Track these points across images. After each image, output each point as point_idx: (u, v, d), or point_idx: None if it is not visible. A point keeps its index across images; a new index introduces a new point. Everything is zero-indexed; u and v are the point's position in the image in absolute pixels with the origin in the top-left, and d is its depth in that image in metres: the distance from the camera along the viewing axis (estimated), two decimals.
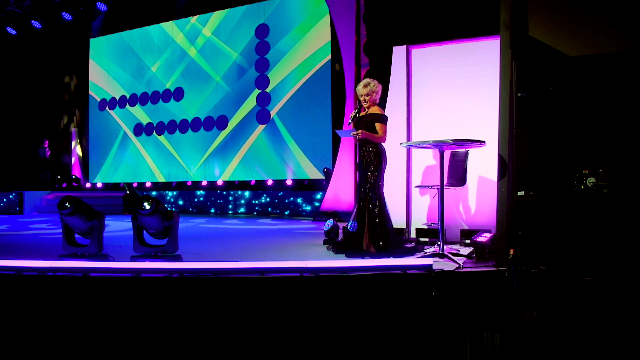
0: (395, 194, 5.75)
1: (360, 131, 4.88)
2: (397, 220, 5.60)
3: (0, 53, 15.78)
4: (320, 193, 10.10)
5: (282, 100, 12.55)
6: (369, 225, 4.90)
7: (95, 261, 4.11)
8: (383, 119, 4.96)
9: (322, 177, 11.68)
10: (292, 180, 12.27)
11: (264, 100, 12.80)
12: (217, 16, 13.77)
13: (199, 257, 4.83)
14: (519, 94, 4.18)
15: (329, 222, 5.73)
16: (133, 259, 4.34)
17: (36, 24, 15.08)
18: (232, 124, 13.28)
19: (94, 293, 4.00)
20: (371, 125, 4.96)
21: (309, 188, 11.87)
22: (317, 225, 8.22)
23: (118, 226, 8.09)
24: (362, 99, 5.11)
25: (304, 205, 10.32)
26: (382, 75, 6.50)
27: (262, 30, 12.96)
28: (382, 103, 5.48)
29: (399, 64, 6.06)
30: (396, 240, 4.94)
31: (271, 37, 12.82)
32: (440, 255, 4.44)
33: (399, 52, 6.10)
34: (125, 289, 3.96)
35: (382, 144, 4.98)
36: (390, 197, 5.22)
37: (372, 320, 3.85)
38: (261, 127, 12.82)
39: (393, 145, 5.28)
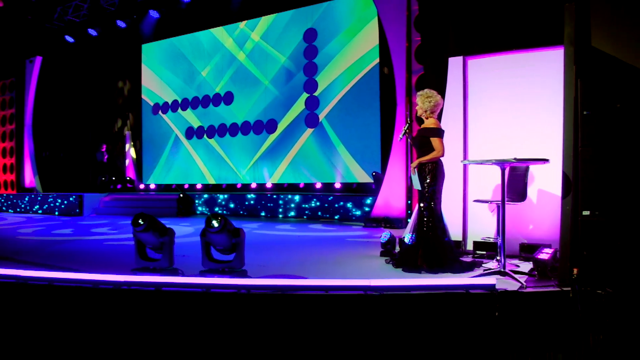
0: (451, 206, 5.75)
1: (416, 163, 4.94)
2: (454, 232, 5.62)
3: (59, 60, 16.48)
4: (370, 198, 10.15)
5: (331, 104, 12.65)
6: (424, 241, 4.94)
7: (168, 276, 4.32)
8: (439, 133, 4.96)
9: (371, 180, 11.74)
10: (341, 183, 12.37)
11: (313, 104, 12.92)
12: (265, 21, 13.97)
13: (261, 270, 4.99)
14: (584, 112, 4.12)
15: (386, 235, 5.78)
16: (202, 273, 4.53)
17: (92, 32, 15.67)
18: (281, 127, 13.48)
19: (166, 307, 4.21)
20: (426, 140, 4.97)
21: (358, 191, 11.94)
22: (369, 233, 8.30)
23: (176, 231, 8.37)
24: (420, 111, 5.12)
25: (353, 210, 10.40)
26: (438, 85, 6.49)
27: (310, 34, 13.08)
28: (439, 115, 5.48)
29: (454, 75, 6.05)
30: (455, 255, 4.96)
31: (319, 41, 12.92)
32: (501, 273, 4.44)
33: (454, 63, 6.08)
34: (196, 304, 4.15)
35: (441, 158, 4.99)
36: (446, 209, 5.23)
37: (435, 339, 3.90)
38: (310, 130, 12.96)
39: (449, 158, 5.29)
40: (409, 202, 8.83)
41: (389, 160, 9.15)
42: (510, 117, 5.65)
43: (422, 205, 4.98)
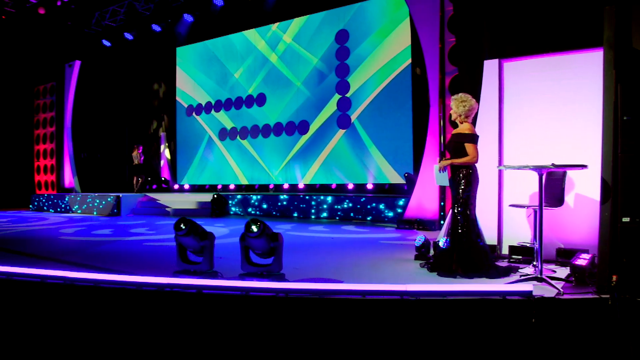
0: (486, 210, 5.74)
1: (447, 163, 4.95)
2: (489, 236, 5.61)
3: (97, 64, 16.95)
4: (403, 199, 10.15)
5: (363, 105, 12.70)
6: (458, 246, 4.94)
7: (208, 279, 4.45)
8: (474, 139, 4.94)
9: (403, 181, 11.74)
10: (373, 184, 12.41)
11: (345, 105, 12.99)
12: (297, 23, 14.10)
13: (297, 273, 5.08)
14: (624, 118, 4.08)
15: (420, 238, 5.81)
16: (241, 277, 4.65)
17: (128, 36, 16.07)
18: (313, 128, 13.59)
19: (206, 309, 4.33)
20: (460, 145, 4.96)
21: (390, 192, 11.97)
22: (402, 235, 8.32)
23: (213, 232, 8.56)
24: (454, 115, 5.12)
25: (386, 211, 10.41)
26: (472, 88, 6.47)
27: (341, 36, 13.15)
28: (474, 119, 5.48)
29: (490, 78, 6.02)
30: (490, 260, 4.95)
31: (351, 42, 12.98)
32: (538, 279, 4.42)
33: (490, 66, 6.05)
34: (236, 307, 4.26)
35: (475, 164, 4.99)
36: (481, 213, 5.23)
37: (471, 346, 3.92)
38: (341, 131, 13.03)
39: (484, 162, 5.28)
40: (442, 203, 8.82)
41: (422, 162, 9.13)
42: (547, 121, 5.60)
43: (456, 210, 4.99)
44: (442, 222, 8.87)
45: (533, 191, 5.42)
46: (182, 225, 4.54)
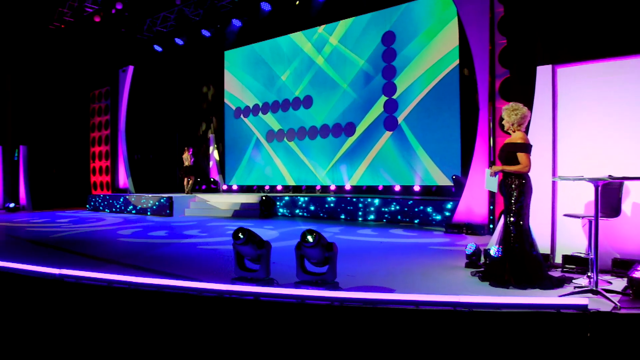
0: (539, 218, 5.69)
1: (499, 169, 4.96)
2: (542, 244, 5.55)
3: (148, 69, 17.54)
4: (451, 203, 10.11)
5: (409, 107, 12.68)
6: (510, 256, 4.93)
7: (265, 286, 4.61)
8: (526, 148, 4.90)
9: (450, 183, 11.68)
10: (420, 186, 12.39)
11: (391, 107, 13.00)
12: (343, 25, 14.19)
13: (350, 280, 5.19)
14: None
15: (471, 246, 5.82)
16: (297, 285, 4.80)
17: (179, 41, 16.56)
18: (360, 130, 13.66)
19: (263, 315, 4.50)
20: (512, 154, 4.94)
21: (437, 194, 11.93)
22: (451, 240, 8.30)
23: (262, 235, 8.77)
24: (506, 125, 5.10)
25: (433, 214, 10.39)
26: (524, 93, 6.41)
27: (388, 37, 13.15)
28: (526, 127, 5.44)
29: (543, 85, 5.95)
30: (543, 271, 4.92)
31: (397, 44, 12.97)
32: (593, 291, 4.38)
33: (543, 72, 5.99)
34: (292, 314, 4.41)
35: (528, 173, 4.96)
36: (534, 221, 5.19)
37: (525, 359, 3.93)
38: (388, 133, 13.05)
39: (537, 171, 5.25)
40: (492, 207, 8.75)
41: (471, 166, 9.07)
42: (603, 129, 5.50)
43: (509, 219, 4.98)
44: (491, 226, 8.81)
45: (588, 199, 5.34)
46: (240, 235, 4.73)
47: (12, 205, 16.34)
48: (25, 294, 5.70)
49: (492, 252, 5.47)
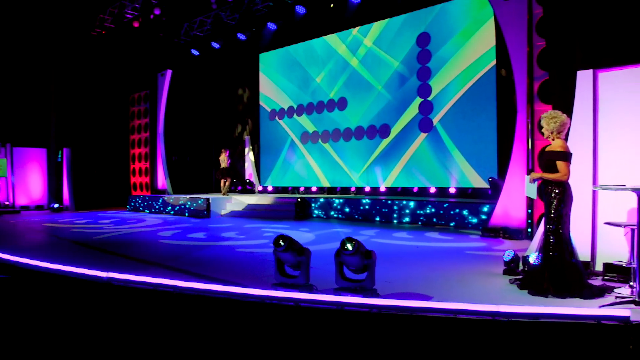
0: (579, 225, 5.61)
1: (537, 176, 4.94)
2: (582, 252, 5.50)
3: (186, 72, 17.93)
4: (487, 206, 10.03)
5: (445, 108, 12.62)
6: (550, 264, 4.90)
7: (305, 292, 4.73)
8: (566, 157, 4.87)
9: (486, 185, 11.58)
10: (456, 188, 12.32)
11: (426, 108, 12.96)
12: (377, 26, 14.20)
13: (387, 286, 5.26)
14: None
15: (509, 253, 5.80)
16: (336, 291, 4.90)
17: (215, 45, 16.85)
18: (394, 132, 13.66)
19: (303, 321, 4.61)
20: (552, 163, 4.91)
21: (473, 197, 11.85)
22: (488, 244, 8.26)
23: (298, 238, 8.90)
24: (546, 133, 5.07)
25: (469, 217, 10.33)
26: (564, 97, 6.35)
27: (423, 39, 13.11)
28: (566, 134, 5.38)
29: (583, 90, 5.86)
30: (584, 280, 4.88)
31: (432, 45, 12.92)
32: (635, 302, 4.34)
33: (583, 77, 5.89)
34: (331, 320, 4.51)
35: (567, 181, 4.92)
36: (574, 229, 5.14)
37: None
38: (423, 135, 13.02)
39: (577, 178, 5.19)
40: (530, 211, 8.65)
41: (509, 169, 8.98)
42: None
43: (549, 227, 4.96)
44: (529, 230, 8.71)
45: (631, 206, 5.26)
46: (280, 242, 4.85)
47: (56, 205, 16.95)
48: (75, 296, 5.97)
49: (531, 260, 5.44)
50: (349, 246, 4.58)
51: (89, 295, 5.86)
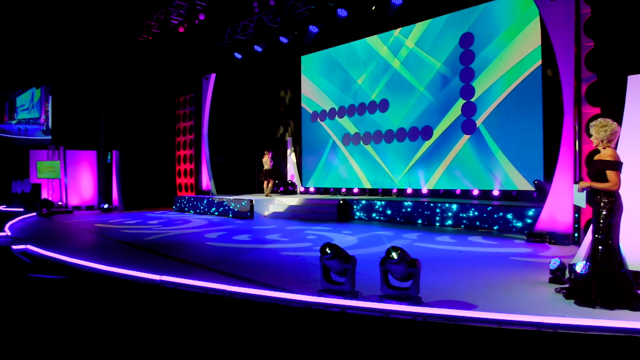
0: (629, 234, 5.51)
1: (587, 185, 4.89)
2: (632, 262, 5.38)
3: (229, 75, 18.30)
4: (532, 209, 9.88)
5: (488, 110, 12.46)
6: (598, 275, 4.83)
7: (351, 299, 4.83)
8: (616, 167, 4.77)
9: (531, 188, 11.39)
10: (499, 190, 12.17)
11: (469, 110, 12.83)
12: (419, 27, 14.13)
13: (431, 294, 5.29)
14: None
15: (555, 261, 5.74)
16: (381, 299, 4.98)
17: (258, 48, 17.12)
18: (437, 133, 13.58)
19: (348, 327, 4.71)
20: (601, 172, 4.83)
21: (517, 199, 11.67)
22: (533, 250, 8.15)
23: (340, 242, 9.00)
24: (595, 142, 4.99)
25: (514, 221, 10.19)
26: (614, 101, 6.23)
27: (466, 39, 12.97)
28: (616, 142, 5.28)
29: (634, 96, 5.75)
30: (633, 290, 4.78)
31: (476, 45, 12.77)
32: None
33: (635, 82, 5.79)
34: (376, 327, 4.59)
35: (617, 191, 4.83)
36: (624, 237, 5.05)
37: None
38: (466, 136, 12.89)
39: (628, 186, 5.09)
40: (577, 215, 8.49)
41: (555, 172, 8.83)
42: None
43: (597, 237, 4.89)
44: (576, 235, 8.55)
45: None
46: (327, 250, 4.96)
47: (106, 206, 17.60)
48: (128, 297, 6.24)
49: (578, 269, 5.36)
50: (395, 255, 4.65)
51: (142, 297, 6.12)
